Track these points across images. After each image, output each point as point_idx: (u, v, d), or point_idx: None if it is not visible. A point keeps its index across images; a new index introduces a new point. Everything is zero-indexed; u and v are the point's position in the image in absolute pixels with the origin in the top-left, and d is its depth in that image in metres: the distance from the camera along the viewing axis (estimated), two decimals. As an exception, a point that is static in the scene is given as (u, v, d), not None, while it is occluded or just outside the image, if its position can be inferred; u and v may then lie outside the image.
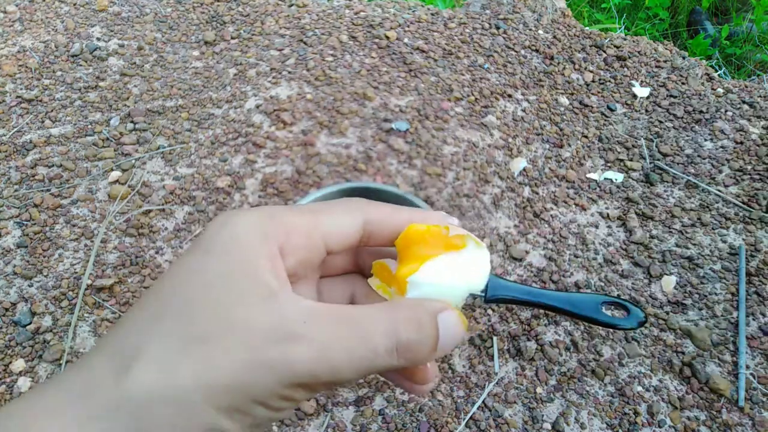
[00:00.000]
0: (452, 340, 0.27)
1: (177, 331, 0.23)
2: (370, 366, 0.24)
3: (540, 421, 0.66)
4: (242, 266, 0.24)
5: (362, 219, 0.28)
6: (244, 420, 0.23)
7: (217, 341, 0.23)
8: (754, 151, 0.94)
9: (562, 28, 1.16)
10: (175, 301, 0.24)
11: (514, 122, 0.97)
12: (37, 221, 0.81)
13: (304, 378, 0.23)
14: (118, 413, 0.21)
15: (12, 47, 1.06)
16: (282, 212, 0.27)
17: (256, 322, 0.23)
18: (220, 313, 0.23)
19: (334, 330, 0.24)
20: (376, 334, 0.24)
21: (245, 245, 0.25)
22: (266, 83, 1.01)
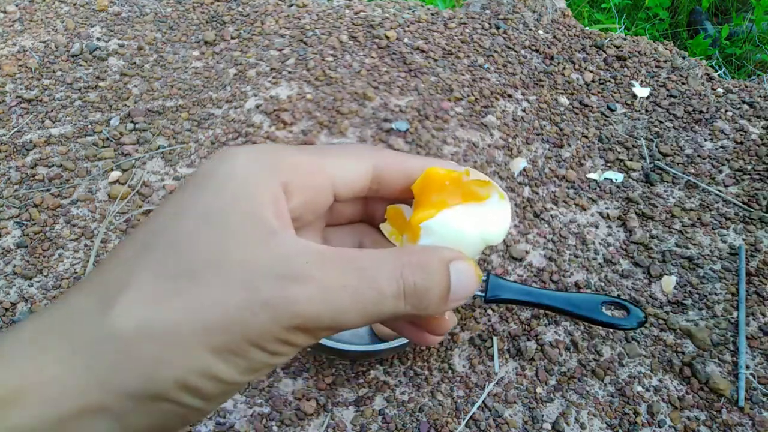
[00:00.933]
0: (465, 290, 0.25)
1: (167, 264, 0.21)
2: (376, 310, 0.23)
3: (540, 421, 0.66)
4: (240, 202, 0.22)
5: (372, 163, 0.27)
6: (239, 363, 0.21)
7: (211, 277, 0.21)
8: (754, 151, 0.94)
9: (562, 28, 1.16)
10: (165, 235, 0.22)
11: (514, 122, 0.97)
12: (37, 221, 0.81)
13: (305, 320, 0.22)
14: (101, 348, 0.20)
15: (12, 47, 1.06)
16: (287, 149, 0.25)
17: (254, 260, 0.21)
18: (215, 248, 0.21)
19: (339, 271, 0.22)
20: (383, 277, 0.23)
21: (244, 180, 0.23)
22: (266, 83, 1.01)
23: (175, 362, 0.20)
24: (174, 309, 0.21)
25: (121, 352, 0.20)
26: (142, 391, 0.20)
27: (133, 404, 0.20)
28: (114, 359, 0.20)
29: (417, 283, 0.24)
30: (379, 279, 0.23)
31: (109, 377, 0.20)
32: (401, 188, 0.28)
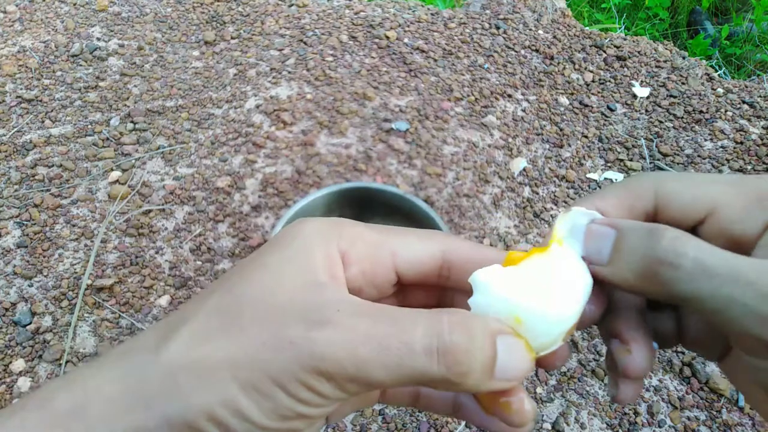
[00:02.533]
0: (515, 367, 0.22)
1: (220, 305, 0.23)
2: (403, 365, 0.21)
3: (540, 421, 0.66)
4: (297, 256, 0.24)
5: (440, 249, 0.26)
6: (263, 403, 0.22)
7: (251, 315, 0.23)
8: (754, 151, 0.94)
9: (562, 28, 1.16)
10: (228, 281, 0.24)
11: (514, 122, 0.97)
12: (37, 221, 0.81)
13: (326, 364, 0.21)
14: (151, 375, 0.22)
15: (12, 47, 1.06)
16: (352, 223, 0.26)
17: (291, 304, 0.23)
18: (263, 291, 0.23)
19: (369, 320, 0.22)
20: (416, 331, 0.21)
21: (306, 241, 0.25)
22: (266, 83, 1.01)
23: (206, 393, 0.22)
24: (215, 343, 0.22)
25: (166, 380, 0.22)
26: (177, 417, 0.22)
27: (170, 430, 0.22)
28: (159, 386, 0.22)
29: (455, 341, 0.21)
30: (411, 331, 0.22)
31: (153, 402, 0.22)
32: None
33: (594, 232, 0.24)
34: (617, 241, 0.23)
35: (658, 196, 0.24)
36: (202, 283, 0.76)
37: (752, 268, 0.20)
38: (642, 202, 0.25)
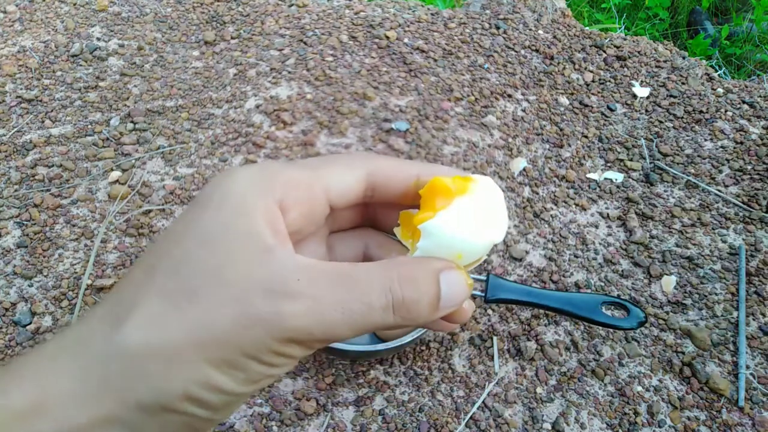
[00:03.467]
0: (454, 299, 0.26)
1: (169, 286, 0.23)
2: (365, 322, 0.24)
3: (540, 421, 0.66)
4: (237, 221, 0.24)
5: (365, 172, 0.28)
6: (237, 375, 0.23)
7: (208, 296, 0.22)
8: (754, 151, 0.94)
9: (562, 28, 1.16)
10: (168, 257, 0.24)
11: (514, 122, 0.97)
12: (37, 221, 0.81)
13: (297, 334, 0.23)
14: (113, 364, 0.22)
15: (12, 47, 1.06)
16: (281, 167, 0.26)
17: (248, 277, 0.23)
18: (211, 267, 0.23)
19: (329, 287, 0.24)
20: (372, 291, 0.24)
21: (241, 200, 0.24)
22: (266, 83, 1.01)
23: (178, 376, 0.22)
24: (175, 327, 0.22)
25: (131, 367, 0.22)
26: (151, 403, 0.22)
27: (145, 415, 0.22)
28: (125, 374, 0.22)
29: (405, 296, 0.25)
30: (369, 293, 0.24)
31: (121, 390, 0.22)
32: (397, 194, 0.29)
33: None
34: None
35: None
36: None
37: None
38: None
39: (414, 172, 0.28)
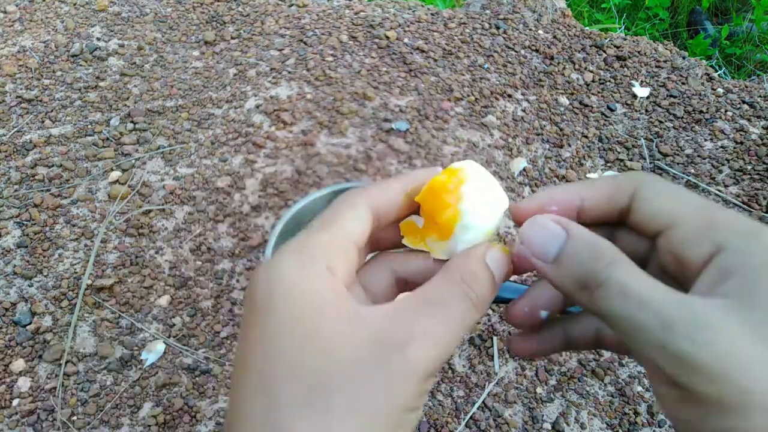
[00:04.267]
0: (503, 272, 0.28)
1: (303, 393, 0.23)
2: (465, 331, 0.26)
3: (540, 421, 0.66)
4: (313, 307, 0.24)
5: (368, 208, 0.29)
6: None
7: (349, 385, 0.23)
8: (754, 151, 0.94)
9: (562, 28, 1.16)
10: (274, 372, 0.24)
11: (514, 122, 0.97)
12: (37, 221, 0.81)
13: (431, 369, 0.24)
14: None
15: (12, 47, 1.06)
16: (307, 237, 0.27)
17: (363, 347, 0.24)
18: (329, 360, 0.23)
19: (428, 320, 0.25)
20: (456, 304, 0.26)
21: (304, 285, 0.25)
22: (266, 83, 1.01)
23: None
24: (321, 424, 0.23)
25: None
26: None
27: None
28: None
29: (477, 291, 0.27)
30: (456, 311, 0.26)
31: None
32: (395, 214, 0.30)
33: (546, 228, 0.26)
34: (564, 246, 0.25)
35: (634, 198, 0.26)
36: (202, 283, 0.76)
37: (664, 300, 0.22)
38: (619, 200, 0.27)
39: (398, 187, 0.30)
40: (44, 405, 0.66)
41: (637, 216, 0.26)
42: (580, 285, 0.24)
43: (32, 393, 0.66)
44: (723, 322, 0.21)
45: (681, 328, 0.21)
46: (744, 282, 0.22)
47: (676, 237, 0.24)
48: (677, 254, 0.24)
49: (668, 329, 0.21)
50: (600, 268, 0.24)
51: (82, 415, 0.65)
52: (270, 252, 0.68)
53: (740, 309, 0.21)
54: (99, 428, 0.65)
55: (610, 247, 0.25)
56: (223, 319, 0.73)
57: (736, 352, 0.20)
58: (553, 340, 0.31)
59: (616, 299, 0.23)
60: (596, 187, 0.28)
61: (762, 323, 0.21)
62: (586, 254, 0.24)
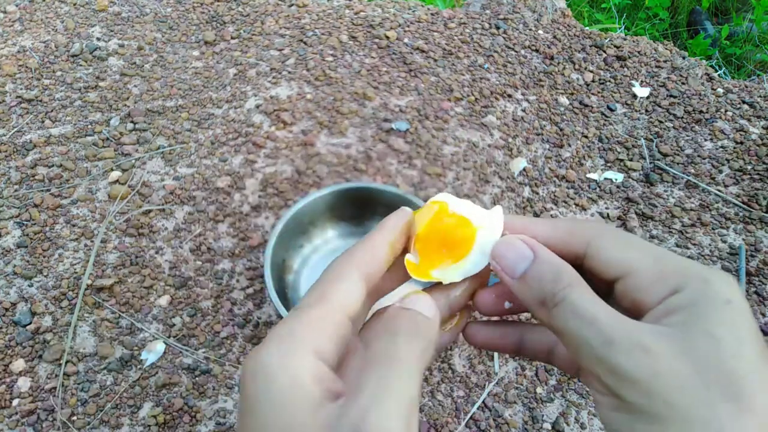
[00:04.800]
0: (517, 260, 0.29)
1: None
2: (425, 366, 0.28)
3: (540, 421, 0.66)
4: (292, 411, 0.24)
5: (361, 272, 0.29)
6: None
7: None
8: (754, 151, 0.94)
9: (562, 28, 1.16)
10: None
11: (514, 122, 0.97)
12: (37, 221, 0.81)
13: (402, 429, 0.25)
14: None
15: (12, 47, 1.06)
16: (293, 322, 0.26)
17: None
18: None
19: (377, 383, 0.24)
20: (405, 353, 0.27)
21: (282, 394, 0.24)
22: (266, 83, 1.01)
23: None
24: None
25: None
26: None
27: None
28: None
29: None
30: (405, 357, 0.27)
31: None
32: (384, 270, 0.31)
33: (516, 248, 0.29)
34: (531, 266, 0.28)
35: (590, 246, 0.29)
36: (202, 283, 0.76)
37: (609, 321, 0.25)
38: (576, 246, 0.29)
39: (382, 241, 0.30)
40: (44, 405, 0.66)
41: (594, 263, 0.28)
42: (539, 302, 0.27)
43: (32, 393, 0.66)
44: (658, 345, 0.24)
45: (620, 346, 0.24)
46: (687, 317, 0.24)
47: (632, 284, 0.27)
48: (634, 299, 0.27)
49: (609, 345, 0.24)
50: (558, 290, 0.26)
51: (82, 415, 0.65)
52: (270, 252, 0.68)
53: (677, 337, 0.24)
54: (99, 428, 0.65)
55: (571, 272, 0.27)
56: (223, 319, 0.73)
57: (665, 372, 0.23)
58: (506, 337, 0.33)
59: (569, 317, 0.26)
60: (554, 229, 0.30)
61: (693, 350, 0.23)
62: (548, 276, 0.27)
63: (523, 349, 0.33)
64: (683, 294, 0.25)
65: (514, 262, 0.29)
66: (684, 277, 0.25)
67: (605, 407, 0.25)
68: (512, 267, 0.29)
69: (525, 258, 0.28)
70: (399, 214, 0.32)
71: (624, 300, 0.27)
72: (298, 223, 0.73)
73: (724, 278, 0.25)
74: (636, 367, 0.23)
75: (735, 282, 0.25)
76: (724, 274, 0.26)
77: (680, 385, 0.23)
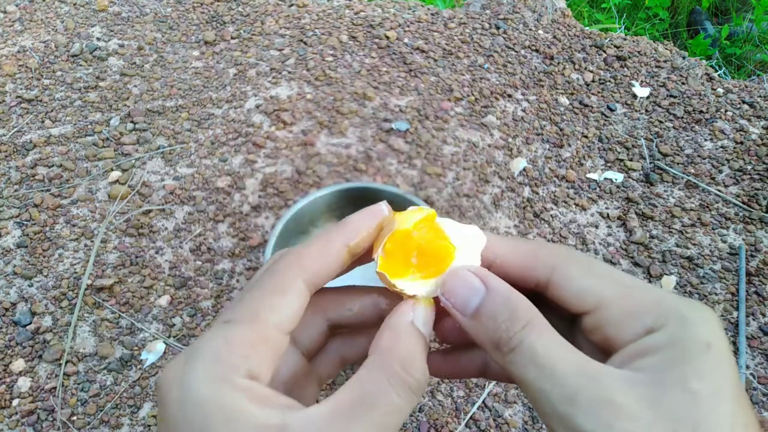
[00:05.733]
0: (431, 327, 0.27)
1: None
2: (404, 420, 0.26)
3: (540, 421, 0.66)
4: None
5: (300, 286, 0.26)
6: None
7: None
8: (754, 151, 0.94)
9: (562, 28, 1.16)
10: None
11: (514, 122, 0.97)
12: (37, 221, 0.81)
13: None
14: None
15: (12, 47, 1.06)
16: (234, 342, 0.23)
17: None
18: None
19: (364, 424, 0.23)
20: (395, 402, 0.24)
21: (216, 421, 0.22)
22: (266, 83, 1.01)
23: None
24: None
25: None
26: None
27: None
28: None
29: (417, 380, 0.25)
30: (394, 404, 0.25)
31: None
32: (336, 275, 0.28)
33: (466, 281, 0.26)
34: (483, 302, 0.25)
35: (555, 274, 0.26)
36: (202, 283, 0.76)
37: (572, 372, 0.22)
38: (540, 272, 0.26)
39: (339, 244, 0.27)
40: (44, 405, 0.66)
41: (560, 292, 0.26)
42: (494, 345, 0.24)
43: (32, 393, 0.66)
44: (626, 397, 0.21)
45: (584, 403, 0.21)
46: (662, 363, 0.22)
47: (603, 317, 0.24)
48: (605, 335, 0.24)
49: (570, 402, 0.21)
50: (513, 332, 0.23)
51: (82, 415, 0.65)
52: (270, 252, 0.68)
53: (648, 386, 0.21)
54: (99, 428, 0.65)
55: (528, 307, 0.24)
56: (223, 319, 0.73)
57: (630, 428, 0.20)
58: (470, 362, 0.30)
59: (527, 366, 0.23)
60: (516, 250, 0.27)
61: (664, 405, 0.21)
62: (502, 314, 0.24)
63: (487, 372, 0.30)
64: (659, 334, 0.22)
65: (464, 297, 0.25)
66: (660, 315, 0.23)
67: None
68: (463, 303, 0.25)
69: (476, 292, 0.25)
70: (369, 214, 0.28)
71: (593, 334, 0.25)
72: (298, 223, 0.73)
73: (704, 315, 0.23)
74: (598, 428, 0.21)
75: (715, 318, 0.23)
76: (703, 308, 0.23)
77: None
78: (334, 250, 0.27)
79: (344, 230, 0.27)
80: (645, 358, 0.22)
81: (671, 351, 0.22)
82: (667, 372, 0.21)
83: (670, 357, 0.22)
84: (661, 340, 0.22)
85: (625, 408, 0.21)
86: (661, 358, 0.22)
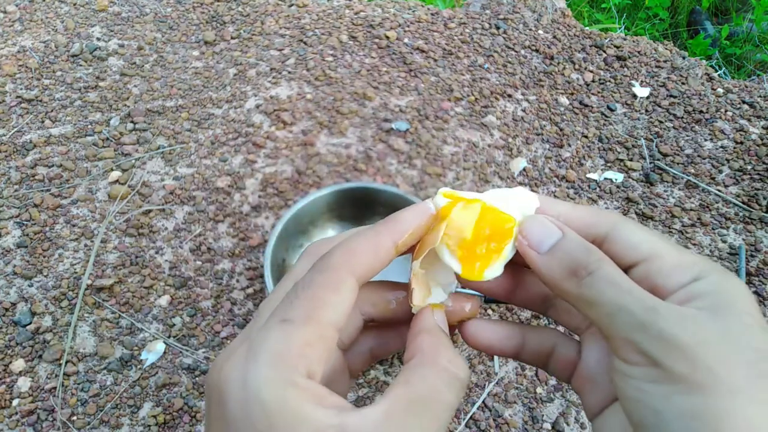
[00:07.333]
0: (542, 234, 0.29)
1: None
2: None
3: (540, 421, 0.66)
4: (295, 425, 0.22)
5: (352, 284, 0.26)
6: None
7: None
8: (754, 151, 0.94)
9: (562, 28, 1.16)
10: None
11: (514, 122, 0.97)
12: (37, 221, 0.81)
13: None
14: None
15: (12, 47, 1.06)
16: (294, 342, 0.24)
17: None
18: None
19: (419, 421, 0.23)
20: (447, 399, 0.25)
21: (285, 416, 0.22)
22: (266, 83, 1.01)
23: None
24: None
25: None
26: None
27: None
28: None
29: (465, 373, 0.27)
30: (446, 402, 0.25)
31: None
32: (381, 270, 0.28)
33: (544, 225, 0.28)
34: (558, 242, 0.27)
35: (614, 229, 0.28)
36: (202, 283, 0.76)
37: (647, 294, 0.24)
38: (599, 228, 0.28)
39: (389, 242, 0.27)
40: (44, 405, 0.66)
41: (616, 246, 0.28)
42: (569, 272, 0.26)
43: (32, 393, 0.66)
44: (699, 316, 0.23)
45: (664, 312, 0.23)
46: (713, 303, 0.24)
47: (654, 268, 0.26)
48: (654, 283, 0.26)
49: (654, 311, 0.23)
50: (591, 260, 0.26)
51: (82, 415, 0.65)
52: (270, 252, 0.68)
53: (710, 318, 0.23)
54: (99, 428, 0.65)
55: (600, 251, 0.27)
56: (223, 319, 0.73)
57: (711, 340, 0.22)
58: (510, 338, 0.31)
59: (605, 286, 0.25)
60: (576, 210, 0.29)
61: (728, 330, 0.23)
62: (578, 249, 0.27)
63: (522, 353, 0.32)
64: (705, 282, 0.25)
65: (541, 237, 0.28)
66: (703, 269, 0.25)
67: (639, 380, 0.24)
68: (539, 241, 0.27)
69: (554, 234, 0.27)
70: (417, 213, 0.28)
71: (642, 283, 0.26)
72: (298, 223, 0.73)
73: (737, 277, 0.25)
74: (683, 332, 0.23)
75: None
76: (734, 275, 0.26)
77: (725, 357, 0.22)
78: (383, 248, 0.27)
79: (393, 228, 0.28)
80: (696, 301, 0.24)
81: (719, 295, 0.24)
82: (721, 309, 0.23)
83: (720, 299, 0.24)
84: (708, 286, 0.24)
85: (699, 319, 0.23)
86: (711, 300, 0.24)
